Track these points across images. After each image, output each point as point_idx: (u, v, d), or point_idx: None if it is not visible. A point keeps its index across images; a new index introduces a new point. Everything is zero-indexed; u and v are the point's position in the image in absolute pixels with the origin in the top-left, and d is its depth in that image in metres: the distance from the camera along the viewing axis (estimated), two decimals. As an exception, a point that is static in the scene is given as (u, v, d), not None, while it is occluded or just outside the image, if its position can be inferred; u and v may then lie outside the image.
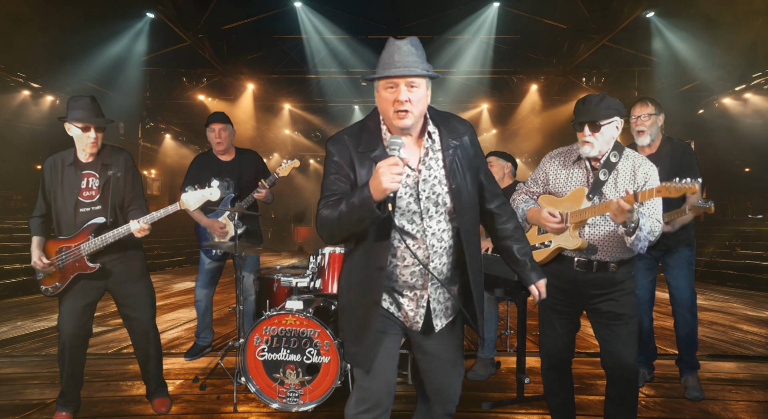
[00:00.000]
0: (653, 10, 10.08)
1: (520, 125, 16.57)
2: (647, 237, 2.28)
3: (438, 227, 1.91)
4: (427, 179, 1.90)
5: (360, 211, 1.73)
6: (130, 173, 3.10)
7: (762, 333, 5.42)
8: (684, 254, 3.46)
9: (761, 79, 10.84)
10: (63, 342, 3.02)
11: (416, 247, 1.90)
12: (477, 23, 11.62)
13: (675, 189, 2.08)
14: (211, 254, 4.36)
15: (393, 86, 1.81)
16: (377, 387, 1.94)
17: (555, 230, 2.45)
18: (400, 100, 1.80)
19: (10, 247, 9.50)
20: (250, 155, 4.49)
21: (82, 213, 2.98)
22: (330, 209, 1.83)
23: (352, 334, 1.94)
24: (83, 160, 3.03)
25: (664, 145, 3.36)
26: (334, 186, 1.89)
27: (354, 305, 1.94)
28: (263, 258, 5.94)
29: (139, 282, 3.14)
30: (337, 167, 1.89)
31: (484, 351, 3.89)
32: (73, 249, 2.97)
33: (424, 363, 2.06)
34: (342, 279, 2.03)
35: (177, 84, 13.80)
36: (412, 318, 1.97)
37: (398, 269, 1.92)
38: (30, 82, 11.09)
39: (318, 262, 3.57)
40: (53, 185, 3.00)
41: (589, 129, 2.37)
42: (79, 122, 2.91)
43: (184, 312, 6.51)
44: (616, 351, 2.43)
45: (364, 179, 1.85)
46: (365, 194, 1.71)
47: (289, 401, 3.13)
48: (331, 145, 1.93)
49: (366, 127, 1.95)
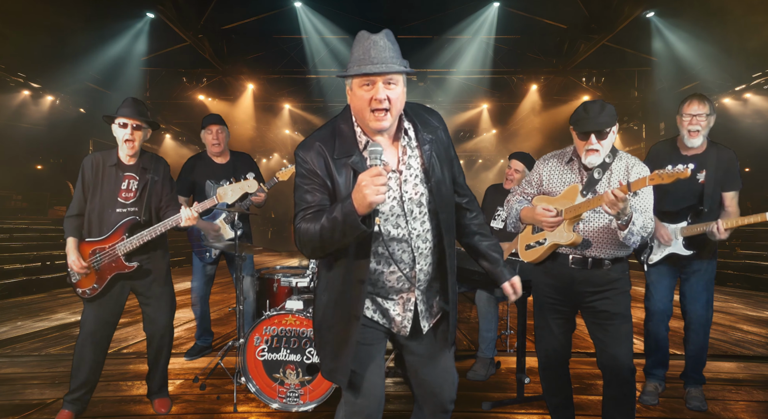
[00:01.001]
0: (653, 10, 10.08)
1: (520, 125, 16.57)
2: (640, 232, 2.30)
3: (422, 227, 1.83)
4: (408, 180, 1.81)
5: (344, 227, 1.60)
6: (167, 179, 3.19)
7: (762, 333, 5.43)
8: (705, 267, 3.25)
9: (761, 79, 10.84)
10: (85, 340, 3.02)
11: (402, 251, 1.81)
12: (477, 23, 11.61)
13: (667, 175, 2.08)
14: (205, 257, 4.36)
15: (369, 84, 1.68)
16: (364, 402, 1.86)
17: (551, 224, 2.45)
18: (378, 99, 1.67)
19: (10, 247, 9.51)
20: (245, 158, 4.51)
21: (118, 214, 3.01)
22: (310, 223, 1.69)
23: (330, 351, 1.83)
24: (125, 162, 3.08)
25: (710, 148, 3.19)
26: (310, 197, 1.74)
27: (332, 322, 1.83)
28: (263, 258, 5.93)
29: (166, 285, 3.18)
30: (311, 175, 1.75)
31: (484, 351, 3.89)
32: (107, 250, 2.99)
33: (413, 365, 1.98)
34: (319, 296, 1.89)
35: (177, 84, 13.80)
36: (399, 323, 1.89)
37: (384, 276, 1.84)
38: (30, 82, 11.09)
39: (318, 262, 3.57)
40: (93, 182, 3.02)
41: (596, 138, 2.39)
42: (119, 117, 2.99)
43: (184, 312, 6.51)
44: (611, 351, 2.44)
45: (342, 188, 1.73)
46: (349, 209, 1.58)
47: (289, 401, 3.13)
48: (303, 152, 1.77)
49: (338, 130, 1.80)
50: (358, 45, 1.72)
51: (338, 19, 11.87)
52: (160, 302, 3.15)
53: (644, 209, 2.39)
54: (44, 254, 9.48)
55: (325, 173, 1.75)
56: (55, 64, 10.83)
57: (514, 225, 2.72)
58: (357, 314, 1.77)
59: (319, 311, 1.89)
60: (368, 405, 1.86)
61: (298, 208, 1.77)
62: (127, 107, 3.01)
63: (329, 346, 1.84)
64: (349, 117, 1.82)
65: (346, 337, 1.78)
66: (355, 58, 1.71)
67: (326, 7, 11.54)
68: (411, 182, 1.81)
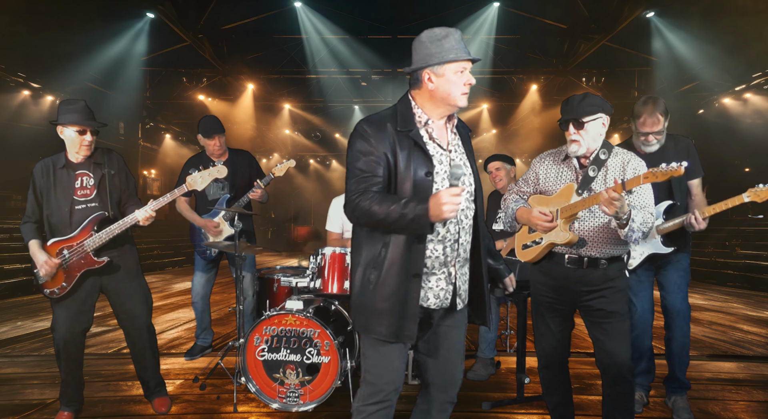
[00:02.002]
0: (653, 10, 10.09)
1: (520, 125, 16.58)
2: (641, 228, 2.29)
3: (465, 204, 1.98)
4: (455, 159, 2.01)
5: (410, 224, 1.77)
6: (123, 171, 3.16)
7: (762, 333, 5.43)
8: (681, 261, 3.19)
9: (761, 79, 10.85)
10: (58, 343, 3.00)
11: (449, 222, 1.94)
12: (477, 23, 11.61)
13: (661, 173, 2.10)
14: (206, 256, 4.36)
15: (463, 70, 1.92)
16: (387, 381, 1.94)
17: (545, 228, 2.46)
18: (470, 83, 1.93)
19: (10, 247, 9.51)
20: (244, 156, 4.50)
21: (78, 211, 2.99)
22: (374, 205, 1.81)
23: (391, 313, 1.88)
24: (75, 161, 3.06)
25: (667, 142, 3.16)
26: (366, 167, 1.88)
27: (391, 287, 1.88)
28: (263, 258, 5.93)
29: (136, 279, 3.15)
30: (371, 147, 1.89)
31: (484, 351, 3.90)
32: (75, 247, 2.97)
33: (433, 343, 2.06)
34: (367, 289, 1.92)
35: (177, 84, 13.81)
36: (443, 296, 1.98)
37: (432, 244, 1.93)
38: (30, 82, 11.11)
39: (318, 262, 3.57)
40: (45, 187, 3.01)
41: (574, 127, 2.41)
42: (75, 124, 2.95)
43: (184, 312, 6.51)
44: (609, 350, 2.44)
45: (402, 161, 1.88)
46: (422, 213, 1.74)
47: (289, 401, 3.13)
48: (367, 125, 1.92)
49: (398, 111, 1.99)
50: (447, 38, 1.91)
51: (338, 19, 11.88)
52: (133, 297, 3.11)
53: (643, 205, 2.39)
54: (44, 254, 9.46)
55: (387, 145, 1.89)
56: (55, 64, 10.83)
57: (510, 224, 2.72)
58: (419, 271, 1.88)
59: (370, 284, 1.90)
60: (388, 384, 1.94)
61: (353, 176, 1.90)
62: (80, 112, 2.96)
63: (387, 311, 1.88)
64: (408, 102, 2.01)
65: (406, 297, 1.87)
66: (448, 48, 1.90)
67: (326, 7, 11.54)
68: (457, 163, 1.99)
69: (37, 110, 11.48)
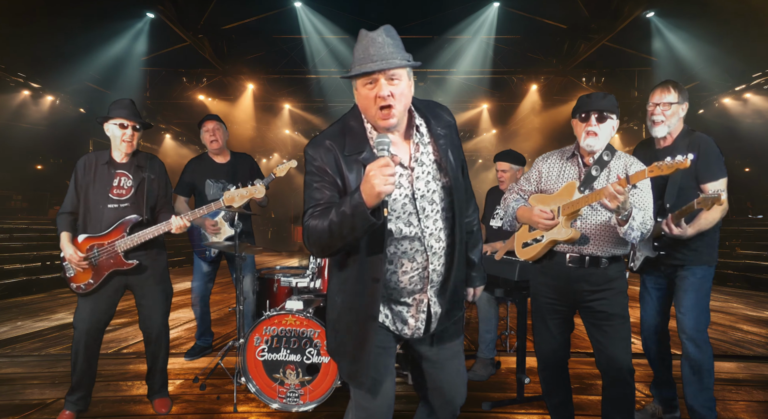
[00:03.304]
0: (653, 10, 10.08)
1: (520, 125, 16.57)
2: (640, 227, 2.29)
3: (435, 226, 1.79)
4: (421, 176, 1.78)
5: (353, 220, 1.57)
6: (163, 178, 3.22)
7: (762, 333, 5.43)
8: (689, 277, 2.81)
9: (761, 79, 10.85)
10: (79, 337, 3.02)
11: (414, 250, 1.78)
12: (477, 23, 11.61)
13: (667, 166, 2.07)
14: (205, 256, 4.37)
15: (372, 82, 1.68)
16: (378, 406, 1.83)
17: (547, 226, 2.46)
18: (381, 96, 1.66)
19: (10, 247, 9.52)
20: (245, 158, 4.53)
21: (110, 209, 3.04)
22: (318, 220, 1.66)
23: (349, 353, 1.79)
24: (118, 160, 3.11)
25: (681, 138, 2.85)
26: (319, 195, 1.72)
27: (349, 322, 1.79)
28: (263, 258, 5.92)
29: (161, 284, 3.19)
30: (321, 173, 1.73)
31: (483, 351, 3.90)
32: (106, 246, 3.00)
33: (428, 371, 1.96)
34: (332, 297, 1.85)
35: (177, 84, 13.79)
36: (413, 325, 1.85)
37: (396, 276, 1.80)
38: (30, 82, 11.10)
39: (318, 262, 3.58)
40: (85, 181, 3.06)
41: (596, 119, 2.40)
42: (117, 118, 3.02)
43: (184, 312, 6.51)
44: (609, 352, 2.44)
45: (353, 185, 1.70)
46: (357, 201, 1.55)
47: (289, 401, 3.13)
48: (312, 149, 1.76)
49: (348, 127, 1.79)
50: (357, 44, 1.71)
51: (338, 19, 11.87)
52: (156, 299, 3.15)
53: (643, 206, 2.39)
54: (44, 254, 9.48)
55: (336, 171, 1.73)
56: (55, 64, 10.83)
57: (510, 224, 2.72)
58: (374, 314, 1.74)
59: (334, 313, 1.84)
60: (379, 408, 1.84)
61: (307, 206, 1.74)
62: (126, 107, 3.05)
63: (348, 349, 1.80)
64: (358, 114, 1.81)
65: (364, 339, 1.75)
66: (356, 58, 1.70)
67: (326, 7, 11.54)
68: (423, 179, 1.79)
69: (37, 110, 11.48)
